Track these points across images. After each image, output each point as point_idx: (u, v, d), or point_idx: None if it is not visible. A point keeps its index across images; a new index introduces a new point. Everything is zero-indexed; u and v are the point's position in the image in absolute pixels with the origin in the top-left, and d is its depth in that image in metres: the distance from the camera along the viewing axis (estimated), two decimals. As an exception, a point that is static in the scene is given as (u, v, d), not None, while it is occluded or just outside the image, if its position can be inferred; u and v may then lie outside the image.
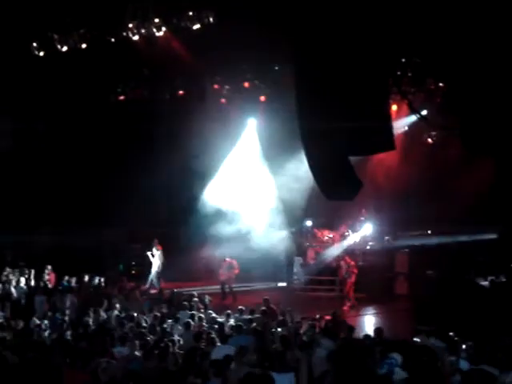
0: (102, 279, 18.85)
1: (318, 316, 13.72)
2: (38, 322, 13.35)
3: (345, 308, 18.51)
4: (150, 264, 21.46)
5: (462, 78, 9.21)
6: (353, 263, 19.77)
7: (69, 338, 11.67)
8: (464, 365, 8.94)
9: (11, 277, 18.17)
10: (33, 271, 18.69)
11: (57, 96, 19.93)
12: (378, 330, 11.66)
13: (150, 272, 21.39)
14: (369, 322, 17.28)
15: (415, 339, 10.40)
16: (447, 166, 21.53)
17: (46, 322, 13.39)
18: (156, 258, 21.34)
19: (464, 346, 10.64)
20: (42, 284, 18.28)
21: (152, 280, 21.33)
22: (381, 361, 8.44)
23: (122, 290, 17.97)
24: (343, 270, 19.71)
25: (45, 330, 12.64)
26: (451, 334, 11.38)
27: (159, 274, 21.41)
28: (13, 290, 17.23)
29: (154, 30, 16.07)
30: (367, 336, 11.12)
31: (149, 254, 21.43)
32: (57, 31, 16.28)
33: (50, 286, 18.44)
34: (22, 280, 17.95)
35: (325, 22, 9.82)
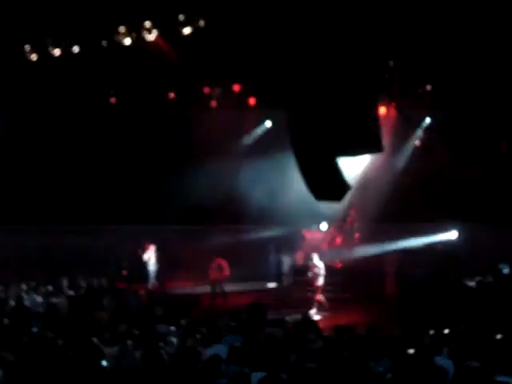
0: (94, 280, 18.93)
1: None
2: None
3: (311, 312, 18.24)
4: (143, 265, 21.73)
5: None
6: (321, 265, 19.18)
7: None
8: (449, 365, 9.06)
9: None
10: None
11: (49, 99, 19.95)
12: (371, 330, 11.69)
13: (146, 272, 21.73)
14: (356, 322, 17.39)
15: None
16: (433, 168, 21.73)
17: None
18: (152, 257, 21.98)
19: (449, 346, 10.76)
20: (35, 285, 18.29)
21: (151, 278, 21.99)
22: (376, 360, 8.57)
23: (114, 290, 18.06)
24: (311, 272, 19.31)
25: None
26: (437, 333, 11.53)
27: (154, 273, 22.05)
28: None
29: (145, 33, 16.26)
30: (357, 335, 11.20)
31: (145, 255, 21.75)
32: (49, 35, 16.39)
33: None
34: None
35: (315, 25, 9.99)
